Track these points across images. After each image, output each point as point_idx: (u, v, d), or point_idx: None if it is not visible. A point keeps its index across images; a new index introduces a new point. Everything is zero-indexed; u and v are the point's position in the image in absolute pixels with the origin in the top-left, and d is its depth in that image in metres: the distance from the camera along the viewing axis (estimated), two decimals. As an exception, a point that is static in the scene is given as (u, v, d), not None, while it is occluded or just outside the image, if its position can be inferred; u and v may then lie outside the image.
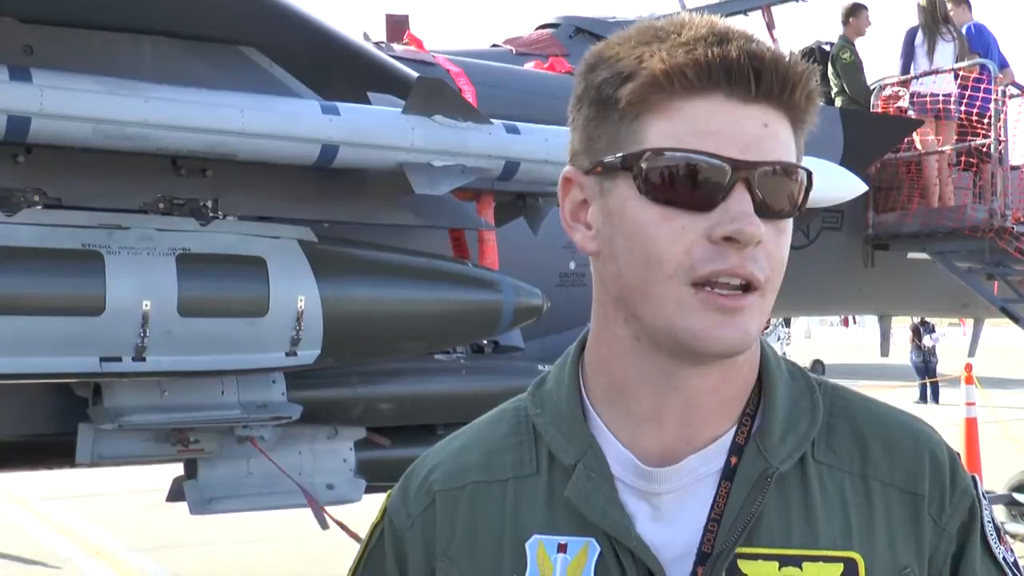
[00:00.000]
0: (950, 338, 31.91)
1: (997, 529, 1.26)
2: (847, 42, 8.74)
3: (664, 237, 1.12)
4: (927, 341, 23.79)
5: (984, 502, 1.25)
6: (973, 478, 1.26)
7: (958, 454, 1.28)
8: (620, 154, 1.15)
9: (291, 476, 4.82)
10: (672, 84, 1.12)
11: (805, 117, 1.18)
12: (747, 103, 1.12)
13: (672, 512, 1.19)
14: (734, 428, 1.22)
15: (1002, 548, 1.25)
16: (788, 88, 1.13)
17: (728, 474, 1.19)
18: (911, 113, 8.48)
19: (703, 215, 1.11)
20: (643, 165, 1.13)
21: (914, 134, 8.37)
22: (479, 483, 1.27)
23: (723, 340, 1.12)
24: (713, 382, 1.19)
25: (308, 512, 5.07)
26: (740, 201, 1.10)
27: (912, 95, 8.51)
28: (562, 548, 1.19)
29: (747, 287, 1.12)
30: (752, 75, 1.11)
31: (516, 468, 1.26)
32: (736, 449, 1.20)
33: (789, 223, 1.17)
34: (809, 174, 1.18)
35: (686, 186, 1.11)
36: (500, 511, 1.24)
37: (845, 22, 8.89)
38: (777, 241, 1.15)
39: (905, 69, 8.68)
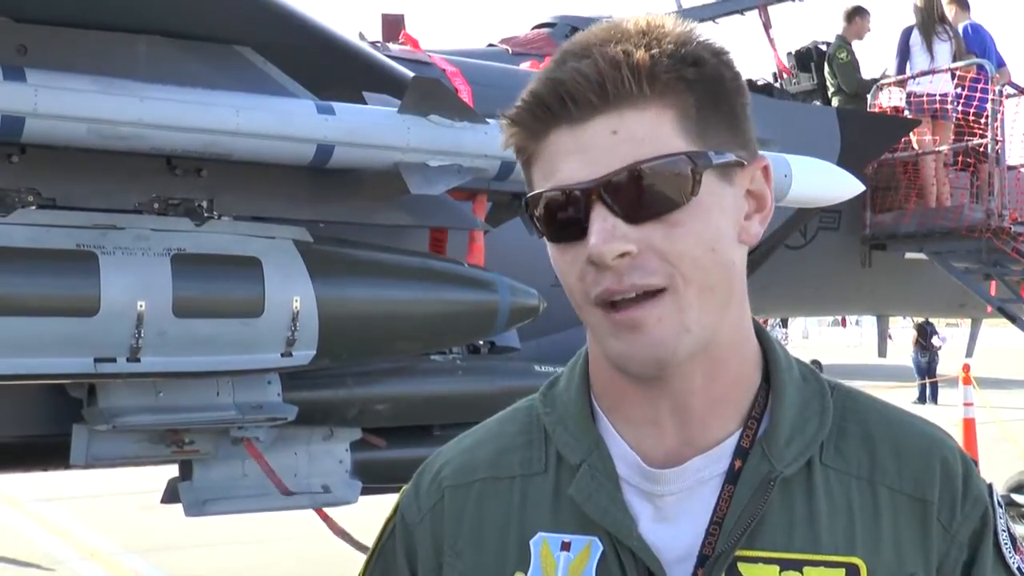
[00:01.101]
0: (947, 338, 31.92)
1: (1013, 538, 1.23)
2: (844, 42, 8.72)
3: (565, 270, 1.16)
4: (935, 341, 23.45)
5: (999, 510, 1.22)
6: (989, 486, 1.24)
7: (975, 461, 1.25)
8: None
9: (283, 481, 4.78)
10: (526, 132, 1.16)
11: (680, 99, 1.11)
12: (586, 120, 1.11)
13: (675, 513, 1.18)
14: (739, 431, 1.21)
15: (1017, 558, 1.22)
16: (611, 90, 1.09)
17: (731, 477, 1.18)
18: (908, 113, 8.48)
19: (583, 242, 1.12)
20: (528, 214, 1.18)
21: (911, 134, 8.36)
22: (488, 480, 1.28)
23: (640, 359, 1.13)
24: (697, 382, 1.18)
25: (304, 513, 5.06)
26: (598, 219, 1.10)
27: (909, 95, 8.51)
28: (565, 546, 1.20)
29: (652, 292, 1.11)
30: (567, 98, 1.11)
31: (524, 466, 1.27)
32: (740, 452, 1.19)
33: (687, 211, 1.10)
34: (693, 154, 1.10)
35: (559, 222, 1.14)
36: (507, 508, 1.25)
37: (849, 21, 8.88)
38: (668, 236, 1.10)
39: (901, 69, 8.67)
